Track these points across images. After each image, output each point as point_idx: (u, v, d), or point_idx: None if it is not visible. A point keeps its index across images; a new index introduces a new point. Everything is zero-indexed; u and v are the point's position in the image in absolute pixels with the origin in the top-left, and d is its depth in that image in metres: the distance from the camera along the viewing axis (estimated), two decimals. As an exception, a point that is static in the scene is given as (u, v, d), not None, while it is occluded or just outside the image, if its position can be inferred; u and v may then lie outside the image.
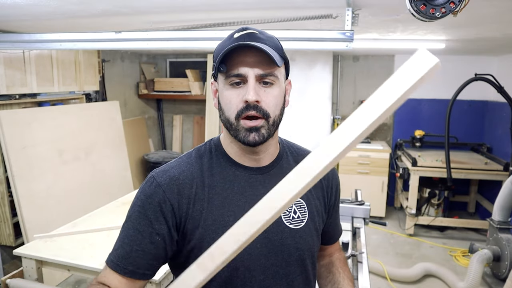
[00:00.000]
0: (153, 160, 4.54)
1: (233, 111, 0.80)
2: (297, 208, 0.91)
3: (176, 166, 0.88)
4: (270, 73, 0.80)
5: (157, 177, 0.85)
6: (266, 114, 0.80)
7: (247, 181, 0.87)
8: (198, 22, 2.42)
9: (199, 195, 0.84)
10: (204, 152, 0.91)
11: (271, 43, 0.82)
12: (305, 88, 4.29)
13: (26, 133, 2.91)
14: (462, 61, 4.45)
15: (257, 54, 0.78)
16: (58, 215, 2.98)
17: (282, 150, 0.95)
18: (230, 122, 0.82)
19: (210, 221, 0.83)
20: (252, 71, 0.78)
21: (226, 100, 0.82)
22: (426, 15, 1.29)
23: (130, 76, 4.83)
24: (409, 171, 4.03)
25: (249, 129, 0.80)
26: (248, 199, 0.86)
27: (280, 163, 0.92)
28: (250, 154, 0.87)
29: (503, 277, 2.86)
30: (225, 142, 0.90)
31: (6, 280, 1.80)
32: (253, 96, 0.77)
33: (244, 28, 0.83)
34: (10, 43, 2.38)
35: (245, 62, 0.78)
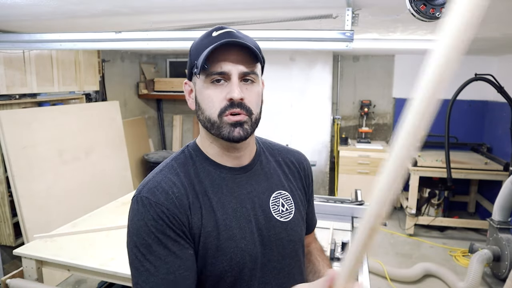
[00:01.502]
0: (153, 160, 4.54)
1: (216, 109, 0.80)
2: (284, 201, 0.92)
3: (162, 180, 0.82)
4: (252, 71, 0.80)
5: (151, 197, 0.78)
6: (249, 111, 0.80)
7: (234, 182, 0.87)
8: (198, 22, 2.42)
9: (194, 204, 0.82)
10: (185, 160, 0.88)
11: (250, 41, 0.82)
12: (305, 88, 4.29)
13: (26, 133, 2.91)
14: (462, 61, 4.41)
15: (239, 52, 0.79)
16: (58, 215, 2.98)
17: (259, 147, 0.96)
18: (212, 120, 0.80)
19: (209, 228, 0.81)
20: (236, 69, 0.78)
21: (207, 98, 0.80)
22: (426, 15, 1.29)
23: (130, 76, 4.84)
24: (409, 171, 4.03)
25: (234, 124, 0.79)
26: (238, 200, 0.86)
27: (260, 159, 0.93)
28: (232, 152, 0.86)
29: (503, 277, 2.86)
30: (204, 144, 0.88)
31: (6, 280, 1.80)
32: (238, 94, 0.77)
33: (221, 27, 0.83)
34: (10, 43, 2.38)
35: (228, 59, 0.78)
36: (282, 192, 0.92)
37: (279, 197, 0.91)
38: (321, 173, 4.35)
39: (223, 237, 0.81)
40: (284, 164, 0.97)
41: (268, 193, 0.90)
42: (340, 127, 4.82)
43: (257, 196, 0.88)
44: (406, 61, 4.67)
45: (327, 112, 4.28)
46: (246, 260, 0.83)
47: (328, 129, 4.29)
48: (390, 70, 4.76)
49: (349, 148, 4.45)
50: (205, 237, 0.81)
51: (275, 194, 0.91)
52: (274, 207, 0.89)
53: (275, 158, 0.97)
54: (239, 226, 0.84)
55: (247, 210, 0.86)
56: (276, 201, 0.90)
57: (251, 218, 0.86)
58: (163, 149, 5.44)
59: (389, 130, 4.90)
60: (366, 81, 4.85)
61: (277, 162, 0.97)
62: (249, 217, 0.86)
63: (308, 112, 4.26)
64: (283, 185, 0.93)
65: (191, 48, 0.85)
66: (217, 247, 0.81)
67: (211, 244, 0.81)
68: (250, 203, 0.87)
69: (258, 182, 0.90)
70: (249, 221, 0.85)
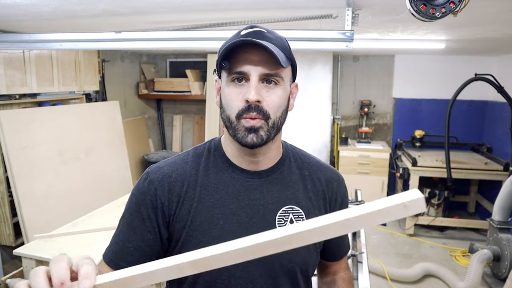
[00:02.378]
0: (153, 160, 4.54)
1: (234, 110, 0.77)
2: (294, 217, 0.85)
3: (171, 163, 0.86)
4: (275, 73, 0.77)
5: (151, 174, 0.84)
6: (266, 115, 0.77)
7: (243, 185, 0.84)
8: (198, 22, 2.42)
9: (189, 194, 0.82)
10: (203, 151, 0.88)
11: (278, 43, 0.79)
12: (305, 88, 4.29)
13: (26, 133, 2.91)
14: (462, 61, 4.45)
15: (262, 53, 0.75)
16: (58, 215, 2.97)
17: (285, 155, 0.90)
18: (231, 120, 0.78)
19: (197, 222, 0.80)
20: (255, 70, 0.75)
21: (227, 97, 0.79)
22: (426, 15, 1.29)
23: (130, 76, 4.83)
24: (409, 171, 4.03)
25: (248, 129, 0.76)
26: (241, 204, 0.82)
27: (282, 168, 0.88)
28: (248, 156, 0.84)
29: (503, 277, 2.86)
30: (225, 142, 0.87)
31: (6, 280, 1.80)
32: (254, 96, 0.74)
33: (253, 26, 0.80)
34: (10, 43, 2.38)
35: (249, 60, 0.75)
36: (295, 208, 0.86)
37: (290, 212, 0.85)
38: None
39: (210, 235, 0.80)
40: (309, 180, 0.90)
41: (278, 205, 0.85)
42: (340, 127, 4.82)
43: (264, 205, 0.83)
44: (406, 61, 4.67)
45: (327, 112, 4.28)
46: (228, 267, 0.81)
47: (328, 129, 4.29)
48: (390, 70, 4.76)
49: (349, 148, 4.45)
50: (191, 230, 0.80)
51: (285, 208, 0.85)
52: (281, 221, 0.84)
53: (301, 171, 0.90)
54: (232, 230, 0.81)
55: (246, 216, 0.82)
56: (285, 216, 0.84)
57: (249, 225, 0.81)
58: (163, 149, 5.44)
59: (389, 130, 4.90)
60: (366, 81, 4.85)
61: (302, 175, 0.90)
62: (246, 224, 0.81)
63: (308, 112, 4.26)
64: (298, 201, 0.86)
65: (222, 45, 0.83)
66: (200, 243, 0.79)
67: (195, 238, 0.80)
68: (253, 210, 0.82)
69: (270, 191, 0.85)
70: (245, 228, 0.81)
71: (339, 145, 4.54)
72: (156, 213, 0.81)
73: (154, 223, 0.81)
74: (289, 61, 0.79)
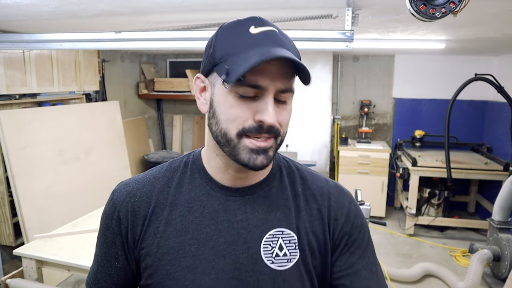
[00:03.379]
0: (153, 160, 4.54)
1: (237, 125, 0.64)
2: (284, 242, 0.70)
3: (139, 180, 0.75)
4: (289, 88, 0.64)
5: (116, 192, 0.75)
6: (277, 134, 0.66)
7: (223, 204, 0.71)
8: (198, 22, 2.42)
9: (156, 216, 0.71)
10: (178, 165, 0.76)
11: (294, 50, 0.66)
12: (305, 88, 4.28)
13: (26, 133, 2.91)
14: (462, 61, 4.45)
15: (280, 64, 0.62)
16: (58, 215, 2.98)
17: (276, 167, 0.77)
18: (228, 137, 0.65)
19: (165, 249, 0.69)
20: (273, 85, 0.62)
21: (229, 110, 0.64)
22: (426, 15, 1.29)
23: (130, 76, 4.83)
24: (409, 171, 4.03)
25: (256, 150, 0.64)
26: (219, 226, 0.69)
27: (271, 184, 0.74)
28: (236, 172, 0.71)
29: (503, 277, 2.86)
30: (207, 155, 0.74)
31: (6, 280, 1.80)
32: (272, 118, 0.62)
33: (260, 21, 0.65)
34: (10, 43, 2.38)
35: (266, 71, 0.61)
36: (286, 232, 0.71)
37: (279, 236, 0.70)
38: (321, 173, 4.35)
39: (181, 265, 0.68)
40: (302, 197, 0.75)
41: (265, 228, 0.70)
42: (340, 127, 4.82)
43: (247, 229, 0.70)
44: (406, 61, 4.67)
45: (327, 112, 4.28)
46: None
47: (328, 129, 4.29)
48: (390, 70, 4.76)
49: (349, 148, 4.45)
50: (157, 258, 0.69)
51: (274, 232, 0.71)
52: (267, 247, 0.69)
53: (293, 187, 0.76)
54: (206, 258, 0.68)
55: (225, 242, 0.69)
56: (273, 241, 0.70)
57: (227, 253, 0.69)
58: (163, 149, 5.44)
59: (389, 130, 4.90)
60: (366, 81, 4.85)
61: (294, 192, 0.75)
62: (224, 251, 0.69)
63: (308, 112, 4.26)
64: (290, 222, 0.72)
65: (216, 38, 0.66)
66: (169, 275, 0.68)
67: (162, 269, 0.69)
68: (232, 234, 0.69)
69: (255, 212, 0.71)
70: (223, 256, 0.68)
71: (339, 145, 4.54)
72: (121, 239, 0.72)
73: (120, 250, 0.73)
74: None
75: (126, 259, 0.74)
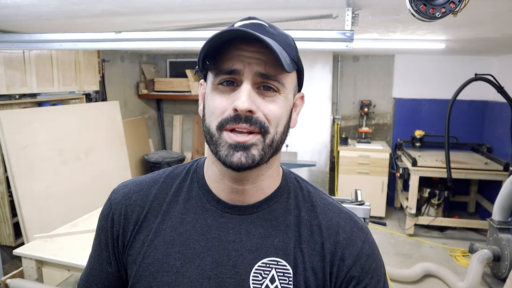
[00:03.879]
0: (153, 160, 4.54)
1: (216, 117, 0.60)
2: (278, 274, 0.62)
3: (138, 182, 0.72)
4: (274, 78, 0.59)
5: (114, 193, 0.72)
6: (263, 127, 0.59)
7: (216, 220, 0.65)
8: (198, 22, 2.42)
9: (147, 222, 0.67)
10: (181, 172, 0.72)
11: (282, 41, 0.62)
12: (305, 88, 4.27)
13: (26, 133, 2.91)
14: (462, 61, 4.45)
15: (261, 51, 0.58)
16: (58, 215, 2.98)
17: (284, 188, 0.69)
18: (211, 132, 0.60)
19: (150, 260, 0.65)
20: (250, 69, 0.58)
21: (210, 103, 0.61)
22: (426, 15, 1.29)
23: (130, 76, 4.83)
24: (409, 171, 4.03)
25: (234, 146, 0.58)
26: (209, 244, 0.64)
27: (273, 206, 0.67)
28: (232, 182, 0.64)
29: (503, 277, 2.86)
30: (206, 163, 0.70)
31: (6, 280, 1.80)
32: (245, 103, 0.56)
33: (251, 18, 0.63)
34: (10, 43, 2.38)
35: (242, 56, 0.58)
36: (281, 263, 0.63)
37: (273, 267, 0.63)
38: (321, 173, 4.35)
39: (163, 279, 0.63)
40: (306, 226, 0.66)
41: (258, 254, 0.63)
42: (340, 127, 4.82)
43: (239, 251, 0.63)
44: (406, 61, 4.67)
45: (327, 112, 4.28)
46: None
47: (328, 129, 4.29)
48: (390, 70, 4.76)
49: (349, 148, 4.45)
50: (142, 269, 0.65)
51: (268, 260, 0.63)
52: (258, 277, 0.62)
53: (299, 212, 0.67)
54: (189, 277, 0.63)
55: (212, 262, 0.63)
56: (265, 271, 0.63)
57: (212, 275, 0.63)
58: (163, 149, 5.44)
59: (389, 130, 4.90)
60: (366, 81, 4.85)
61: (299, 218, 0.67)
62: (210, 272, 0.63)
63: (308, 112, 4.26)
64: (287, 253, 0.64)
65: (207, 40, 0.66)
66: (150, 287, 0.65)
67: (144, 281, 0.64)
68: (222, 255, 0.63)
69: (250, 234, 0.64)
70: (207, 278, 0.63)
71: (339, 145, 4.54)
72: (113, 243, 0.69)
73: (112, 255, 0.70)
74: (295, 65, 0.63)
75: (117, 264, 0.71)
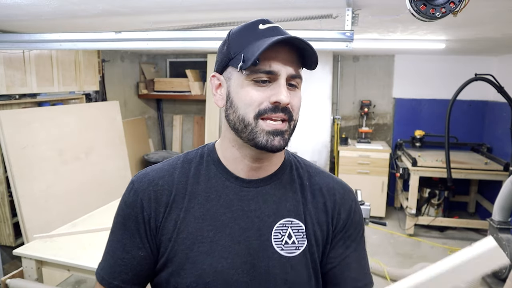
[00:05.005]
0: (153, 160, 4.54)
1: (253, 109, 0.70)
2: (293, 231, 0.77)
3: (158, 169, 0.80)
4: (299, 75, 0.72)
5: (136, 182, 0.78)
6: (291, 118, 0.72)
7: (237, 194, 0.77)
8: (198, 22, 2.42)
9: (177, 203, 0.76)
10: (194, 157, 0.82)
11: None
12: (305, 88, 4.28)
13: (26, 133, 2.91)
14: (462, 61, 4.45)
15: (289, 52, 0.70)
16: (58, 215, 2.97)
17: (287, 161, 0.84)
18: (246, 121, 0.71)
19: (184, 234, 0.74)
20: (285, 70, 0.70)
21: (245, 96, 0.70)
22: (426, 15, 1.29)
23: (130, 76, 4.83)
24: (409, 171, 4.03)
25: (273, 132, 0.70)
26: (235, 215, 0.75)
27: (282, 177, 0.81)
28: (252, 162, 0.77)
29: (503, 277, 2.85)
30: (222, 146, 0.80)
31: (6, 280, 1.80)
32: (287, 97, 0.69)
33: (266, 20, 0.74)
34: (10, 43, 2.38)
35: (278, 58, 0.69)
36: (294, 221, 0.78)
37: (289, 225, 0.77)
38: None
39: (198, 249, 0.73)
40: (308, 190, 0.81)
41: (276, 218, 0.77)
42: (340, 127, 4.82)
43: (260, 218, 0.76)
44: (406, 61, 4.67)
45: (327, 112, 4.28)
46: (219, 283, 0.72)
47: (328, 129, 4.29)
48: (390, 70, 4.76)
49: (349, 148, 4.45)
50: (177, 244, 0.74)
51: (283, 221, 0.77)
52: (277, 235, 0.76)
53: (301, 181, 0.82)
54: (223, 244, 0.74)
55: (240, 229, 0.75)
56: (283, 229, 0.77)
57: (242, 239, 0.75)
58: (163, 149, 5.44)
59: (389, 130, 4.90)
60: (366, 81, 4.85)
61: (302, 185, 0.82)
62: (239, 237, 0.75)
63: (308, 112, 4.26)
64: (298, 213, 0.78)
65: (229, 38, 0.74)
66: (188, 258, 0.73)
67: (181, 253, 0.73)
68: (247, 222, 0.75)
69: (267, 202, 0.77)
70: (238, 242, 0.74)
71: (339, 145, 4.54)
72: (144, 227, 0.75)
73: (144, 238, 0.76)
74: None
75: (150, 247, 0.76)
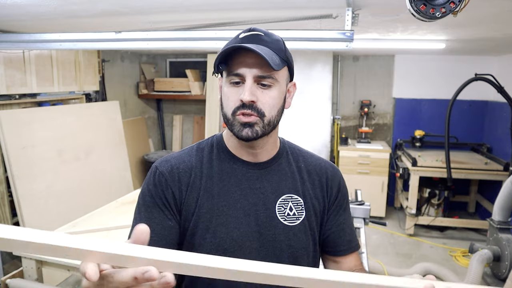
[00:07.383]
0: (153, 160, 4.54)
1: (230, 107, 0.85)
2: (293, 205, 0.92)
3: (177, 156, 0.93)
4: (268, 76, 0.82)
5: (160, 167, 0.90)
6: (261, 113, 0.83)
7: (245, 175, 0.91)
8: (198, 22, 2.42)
9: (196, 184, 0.89)
10: (206, 145, 0.96)
11: (274, 46, 0.85)
12: (305, 88, 4.29)
13: (26, 133, 2.91)
14: (462, 61, 4.45)
15: (257, 56, 0.81)
16: (58, 215, 2.97)
17: (282, 149, 0.98)
18: (227, 117, 0.86)
19: (204, 209, 0.87)
20: (250, 72, 0.82)
21: (225, 96, 0.86)
22: (426, 15, 1.28)
23: (130, 76, 4.83)
24: (409, 171, 4.02)
25: (243, 124, 0.83)
26: (244, 192, 0.90)
27: (279, 161, 0.95)
28: (247, 148, 0.91)
29: (503, 277, 2.85)
30: (226, 136, 0.95)
31: (6, 280, 1.80)
32: (247, 97, 0.81)
33: (251, 29, 0.87)
34: (10, 43, 2.38)
35: (244, 62, 0.82)
36: (294, 196, 0.92)
37: (289, 200, 0.92)
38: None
39: (216, 221, 0.86)
40: (305, 171, 0.97)
41: (278, 194, 0.91)
42: (340, 127, 4.82)
43: (265, 194, 0.90)
44: (406, 61, 4.67)
45: (327, 112, 4.28)
46: (235, 249, 0.86)
47: (328, 129, 4.29)
48: (390, 70, 4.76)
49: (349, 148, 4.45)
50: (198, 217, 0.87)
51: (285, 197, 0.92)
52: (281, 208, 0.90)
53: (297, 164, 0.98)
54: (236, 216, 0.87)
55: (248, 204, 0.89)
56: (284, 204, 0.91)
57: (251, 212, 0.88)
58: (163, 149, 5.44)
59: (389, 130, 4.90)
60: (366, 81, 4.85)
61: (298, 167, 0.97)
62: (249, 210, 0.88)
63: (308, 112, 4.26)
64: (297, 189, 0.93)
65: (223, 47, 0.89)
66: (208, 229, 0.86)
67: (202, 225, 0.86)
68: (254, 198, 0.89)
69: (270, 181, 0.92)
70: (248, 215, 0.88)
71: (339, 145, 4.54)
72: (171, 201, 0.87)
73: (172, 210, 0.87)
74: (284, 63, 0.86)
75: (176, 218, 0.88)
